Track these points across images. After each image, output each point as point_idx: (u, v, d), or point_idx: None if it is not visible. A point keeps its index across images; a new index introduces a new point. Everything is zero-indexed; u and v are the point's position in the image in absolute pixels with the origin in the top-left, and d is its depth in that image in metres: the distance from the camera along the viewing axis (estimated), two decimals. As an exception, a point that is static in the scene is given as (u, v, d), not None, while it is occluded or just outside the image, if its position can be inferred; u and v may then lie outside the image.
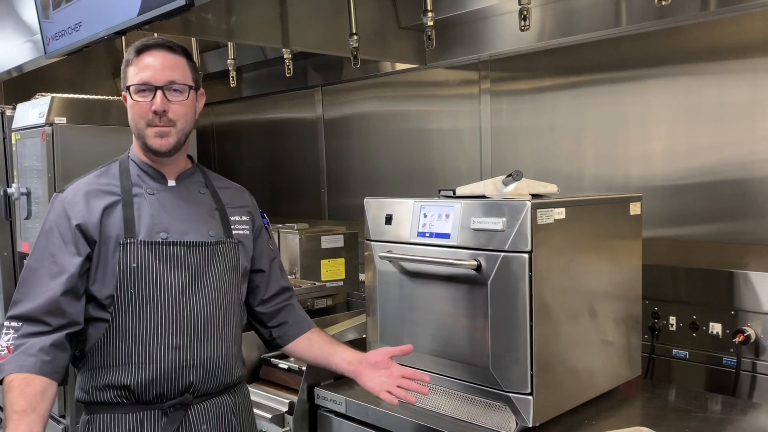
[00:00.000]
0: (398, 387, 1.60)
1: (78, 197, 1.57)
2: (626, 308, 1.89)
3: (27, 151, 3.15)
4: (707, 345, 2.03)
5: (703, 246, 2.14)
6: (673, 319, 2.12)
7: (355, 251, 2.85)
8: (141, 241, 1.54)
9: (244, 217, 1.73)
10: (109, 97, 3.51)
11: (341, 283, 2.80)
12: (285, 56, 2.75)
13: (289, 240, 2.74)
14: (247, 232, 1.72)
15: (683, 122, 2.17)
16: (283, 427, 2.04)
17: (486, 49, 2.60)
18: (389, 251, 1.83)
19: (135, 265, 1.52)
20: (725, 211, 2.10)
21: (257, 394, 2.16)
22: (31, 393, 1.41)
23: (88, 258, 1.53)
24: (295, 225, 2.77)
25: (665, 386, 2.02)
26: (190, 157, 1.75)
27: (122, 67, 1.63)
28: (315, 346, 1.78)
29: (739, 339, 1.92)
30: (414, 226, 1.78)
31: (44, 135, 2.97)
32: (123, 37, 2.58)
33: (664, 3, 1.70)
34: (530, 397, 1.57)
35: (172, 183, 1.65)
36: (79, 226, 1.53)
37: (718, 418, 1.76)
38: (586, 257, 1.74)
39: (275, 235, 2.80)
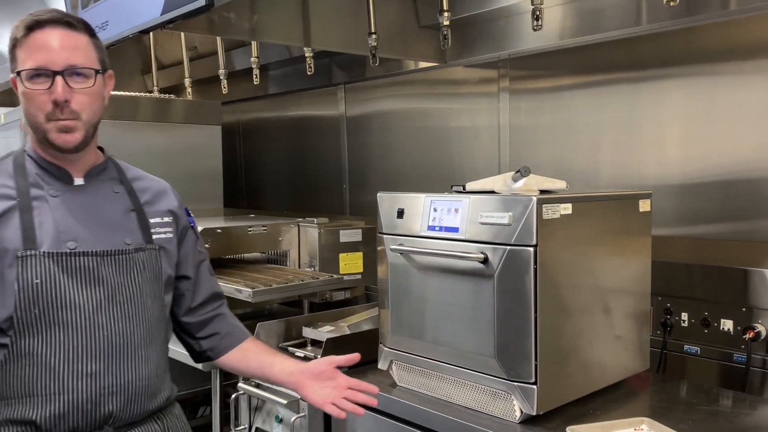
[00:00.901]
0: (344, 399, 1.49)
1: None
2: (635, 303, 1.91)
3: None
4: (718, 341, 2.04)
5: (717, 244, 2.14)
6: (685, 315, 2.13)
7: (373, 245, 2.89)
8: (44, 252, 1.31)
9: (166, 219, 1.51)
10: (137, 93, 3.63)
11: (359, 276, 2.87)
12: (306, 54, 2.82)
13: (309, 234, 2.81)
14: (170, 236, 1.51)
15: (699, 122, 2.18)
16: (298, 412, 2.10)
17: (506, 47, 2.63)
18: (400, 244, 1.88)
19: (38, 281, 1.29)
20: (739, 210, 2.10)
21: (274, 381, 2.24)
22: None
23: None
24: (315, 219, 2.84)
25: (675, 381, 2.03)
26: (101, 148, 1.51)
27: (9, 47, 1.35)
28: (250, 357, 1.61)
29: (749, 335, 1.93)
30: (425, 220, 1.83)
31: (76, 130, 3.08)
32: (150, 35, 2.68)
33: (672, 4, 1.72)
34: (534, 387, 1.61)
35: (79, 182, 1.41)
36: None
37: (724, 411, 1.78)
38: (593, 252, 1.77)
39: (295, 229, 2.87)
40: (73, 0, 2.64)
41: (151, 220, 1.49)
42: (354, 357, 1.57)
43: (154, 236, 1.47)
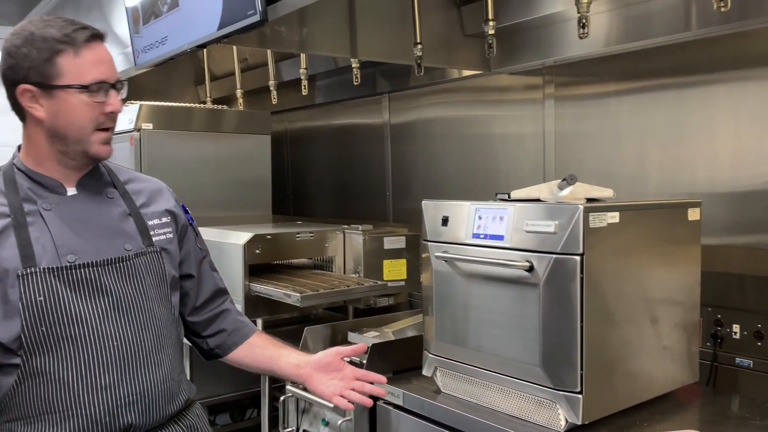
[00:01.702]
0: (352, 390, 1.48)
1: None
2: (683, 314, 1.88)
3: (116, 154, 3.38)
4: (772, 354, 1.99)
5: (770, 254, 2.09)
6: (737, 327, 2.08)
7: (416, 252, 2.91)
8: (44, 269, 1.29)
9: (164, 219, 1.49)
10: (191, 104, 3.76)
11: (403, 283, 2.89)
12: (353, 65, 2.87)
13: (353, 240, 2.86)
14: (170, 236, 1.49)
15: (750, 128, 2.13)
16: (344, 416, 2.14)
17: (551, 54, 2.63)
18: (445, 252, 1.90)
19: (41, 298, 1.28)
20: (794, 219, 2.05)
21: (321, 385, 2.28)
22: None
23: None
24: (360, 226, 2.88)
25: (726, 394, 1.99)
26: None
27: (36, 55, 1.29)
28: (257, 352, 1.60)
29: (804, 349, 1.88)
30: (469, 227, 1.85)
31: (133, 140, 3.21)
32: (204, 50, 2.78)
33: (723, 9, 1.70)
34: (580, 396, 1.61)
35: (72, 192, 1.39)
36: None
37: (778, 427, 1.73)
38: (641, 262, 1.76)
39: (340, 236, 2.92)
40: (135, 16, 2.76)
41: (149, 222, 1.46)
42: (360, 347, 1.56)
43: (154, 238, 1.45)
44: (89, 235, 1.36)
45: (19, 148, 1.42)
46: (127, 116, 3.30)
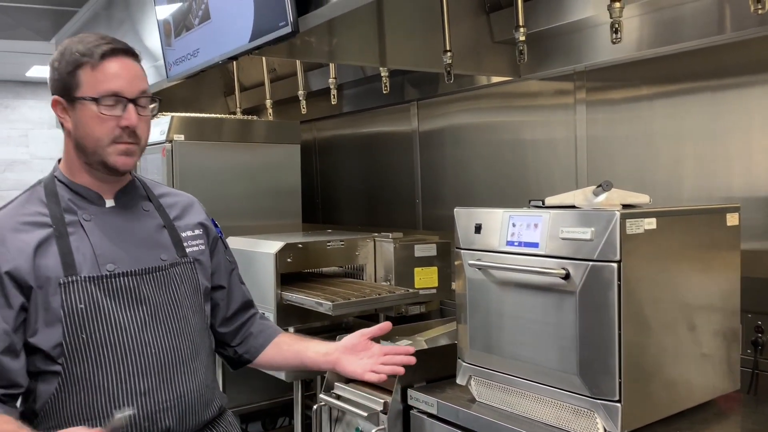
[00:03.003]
0: (382, 364, 1.52)
1: (2, 234, 1.33)
2: (723, 320, 1.85)
3: (149, 165, 3.46)
4: (815, 362, 1.94)
5: (811, 259, 2.05)
6: (778, 334, 2.04)
7: (447, 260, 2.93)
8: (85, 277, 1.33)
9: (197, 231, 1.55)
10: (221, 115, 3.81)
11: (434, 290, 2.89)
12: (382, 74, 2.89)
13: (384, 248, 2.86)
14: (203, 247, 1.54)
15: (788, 130, 2.09)
16: (377, 425, 2.14)
17: (582, 60, 2.61)
18: (479, 259, 1.89)
19: (82, 306, 1.32)
20: (835, 223, 2.00)
21: (354, 393, 2.28)
22: None
23: (23, 308, 1.30)
24: (390, 234, 2.88)
25: (768, 403, 1.95)
26: None
27: (63, 68, 1.36)
28: (284, 348, 1.63)
29: None
30: (503, 235, 1.84)
31: (164, 151, 3.26)
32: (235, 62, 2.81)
33: (760, 11, 1.67)
34: (618, 405, 1.58)
35: (110, 203, 1.44)
36: (9, 273, 1.29)
37: (825, 437, 1.69)
38: (678, 268, 1.73)
39: (371, 244, 2.93)
40: (166, 29, 2.81)
41: (183, 234, 1.51)
42: (386, 325, 1.59)
43: (187, 249, 1.50)
44: (127, 246, 1.40)
45: (59, 160, 1.48)
46: (159, 128, 3.35)
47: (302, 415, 2.78)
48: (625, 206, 1.74)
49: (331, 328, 3.17)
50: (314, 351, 1.61)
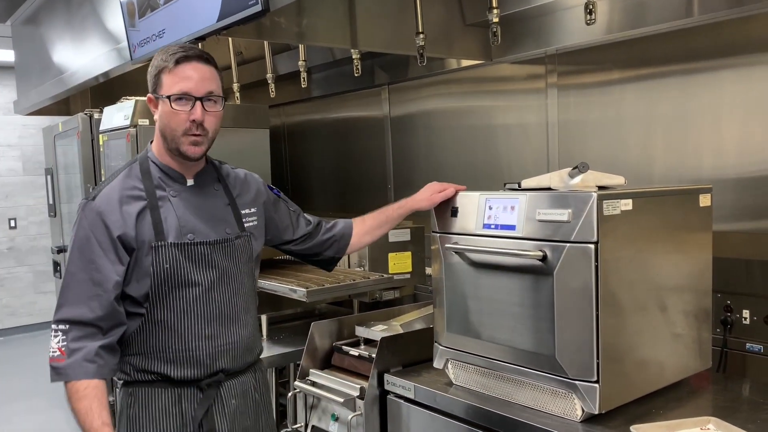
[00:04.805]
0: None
1: (112, 205, 1.63)
2: (695, 300, 1.88)
3: (112, 151, 3.36)
4: (783, 339, 1.99)
5: (778, 239, 2.09)
6: (746, 313, 2.08)
7: (421, 245, 2.91)
8: (171, 243, 1.63)
9: (252, 209, 1.82)
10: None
11: (408, 275, 2.88)
12: (353, 56, 2.84)
13: (358, 233, 2.82)
14: (256, 222, 1.82)
15: (757, 113, 2.12)
16: (354, 411, 2.12)
17: (553, 43, 2.60)
18: (455, 243, 1.88)
19: (168, 266, 1.62)
20: (802, 203, 2.04)
21: (329, 379, 2.26)
22: (107, 402, 1.56)
23: (128, 265, 1.62)
24: (364, 219, 2.85)
25: (738, 379, 1.99)
26: None
27: (152, 71, 1.66)
28: (368, 222, 2.04)
29: (816, 333, 1.87)
30: (479, 218, 1.83)
31: (129, 136, 3.16)
32: (200, 43, 2.73)
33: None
34: (596, 385, 1.59)
35: (190, 183, 1.72)
36: (120, 238, 1.60)
37: (793, 412, 1.73)
38: (653, 249, 1.74)
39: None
40: (130, 9, 2.71)
41: (242, 211, 1.79)
42: (460, 187, 1.96)
43: (245, 225, 1.78)
44: (202, 219, 1.70)
45: (151, 142, 1.76)
46: (123, 113, 3.25)
47: (276, 402, 2.74)
48: (600, 188, 1.75)
49: (304, 315, 3.14)
50: (393, 211, 2.04)
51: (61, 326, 1.58)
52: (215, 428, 1.69)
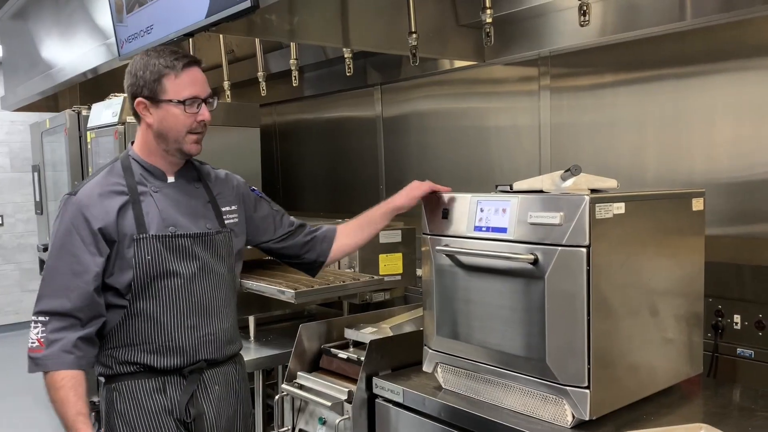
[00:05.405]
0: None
1: (93, 199, 1.67)
2: (687, 305, 1.86)
3: (100, 149, 3.32)
4: (774, 345, 1.98)
5: (770, 244, 2.08)
6: (737, 318, 2.07)
7: (412, 246, 2.89)
8: (152, 235, 1.68)
9: (233, 207, 1.88)
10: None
11: (399, 277, 2.85)
12: (345, 56, 2.81)
13: (348, 234, 2.79)
14: (236, 219, 1.88)
15: (749, 117, 2.11)
16: (342, 414, 2.10)
17: (546, 45, 2.59)
18: (446, 245, 1.86)
19: (149, 257, 1.67)
20: (793, 208, 2.03)
21: (317, 382, 2.24)
22: (83, 393, 1.59)
23: (108, 257, 1.66)
24: (354, 220, 2.82)
25: (729, 385, 1.98)
26: None
27: (149, 76, 1.69)
28: (350, 225, 2.05)
29: (808, 339, 1.86)
30: (471, 220, 1.81)
31: (117, 133, 3.13)
32: (191, 39, 2.70)
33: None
34: (587, 391, 1.57)
35: (171, 180, 1.78)
36: (101, 230, 1.65)
37: (785, 418, 1.72)
38: (646, 253, 1.73)
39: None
40: (118, 4, 2.67)
41: (223, 209, 1.84)
42: (444, 188, 1.94)
43: (225, 221, 1.83)
44: (183, 214, 1.75)
45: (132, 143, 1.81)
46: (111, 110, 3.21)
47: (263, 405, 2.71)
48: (593, 191, 1.73)
49: (292, 317, 3.11)
50: (376, 212, 2.04)
51: (40, 318, 1.61)
52: (203, 411, 1.73)
